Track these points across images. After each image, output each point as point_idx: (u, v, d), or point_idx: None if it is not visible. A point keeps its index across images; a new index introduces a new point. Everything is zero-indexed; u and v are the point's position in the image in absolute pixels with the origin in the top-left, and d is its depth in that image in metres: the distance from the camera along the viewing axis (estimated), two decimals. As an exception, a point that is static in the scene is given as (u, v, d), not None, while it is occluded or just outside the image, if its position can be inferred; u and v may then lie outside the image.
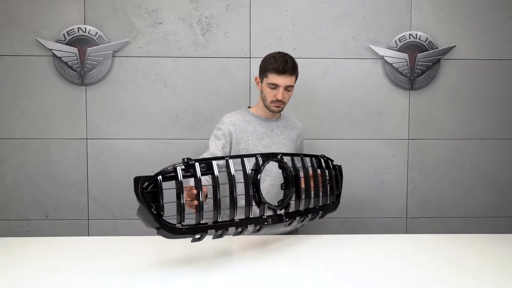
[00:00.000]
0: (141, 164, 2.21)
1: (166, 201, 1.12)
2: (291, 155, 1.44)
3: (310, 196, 1.44)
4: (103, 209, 2.22)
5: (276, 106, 1.67)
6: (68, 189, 2.21)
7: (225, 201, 1.24)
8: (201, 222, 1.16)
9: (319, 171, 1.50)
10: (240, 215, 1.24)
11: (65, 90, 2.17)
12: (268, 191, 1.64)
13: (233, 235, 1.26)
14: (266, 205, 1.28)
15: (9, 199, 2.20)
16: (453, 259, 1.30)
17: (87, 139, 2.20)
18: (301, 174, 1.43)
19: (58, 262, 1.24)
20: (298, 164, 1.45)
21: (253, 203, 1.27)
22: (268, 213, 1.29)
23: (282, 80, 1.62)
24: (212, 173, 1.19)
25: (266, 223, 1.27)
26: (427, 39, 2.20)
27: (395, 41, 2.20)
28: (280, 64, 1.60)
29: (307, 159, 1.48)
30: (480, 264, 1.26)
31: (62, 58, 2.14)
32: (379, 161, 2.28)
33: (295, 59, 2.16)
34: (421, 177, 2.28)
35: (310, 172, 1.46)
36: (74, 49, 2.14)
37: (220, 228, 1.19)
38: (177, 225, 1.12)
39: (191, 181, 1.21)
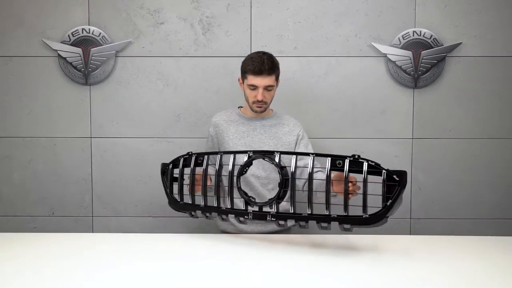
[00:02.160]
0: (143, 162, 2.24)
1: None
2: (294, 153, 1.34)
3: (311, 200, 1.29)
4: (106, 207, 2.26)
5: (258, 107, 1.69)
6: (73, 187, 2.26)
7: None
8: (195, 203, 1.48)
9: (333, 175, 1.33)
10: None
11: (70, 89, 2.22)
12: (250, 188, 1.70)
13: (220, 220, 1.43)
14: (244, 199, 1.32)
15: (17, 196, 2.26)
16: (459, 262, 1.26)
17: (91, 137, 2.24)
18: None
19: (63, 258, 1.27)
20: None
21: (238, 196, 1.36)
22: (256, 208, 1.31)
23: (260, 81, 1.63)
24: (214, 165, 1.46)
25: (246, 217, 1.29)
26: (431, 36, 2.15)
27: (398, 38, 2.16)
28: (257, 65, 1.61)
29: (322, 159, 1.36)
30: (487, 267, 1.21)
31: (67, 58, 2.18)
32: (382, 161, 2.16)
33: (297, 57, 2.20)
34: (425, 178, 2.23)
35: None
36: (79, 50, 2.18)
37: (206, 211, 1.44)
38: (180, 202, 1.52)
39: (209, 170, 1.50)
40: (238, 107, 1.85)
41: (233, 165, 1.38)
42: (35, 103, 2.22)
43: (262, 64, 1.61)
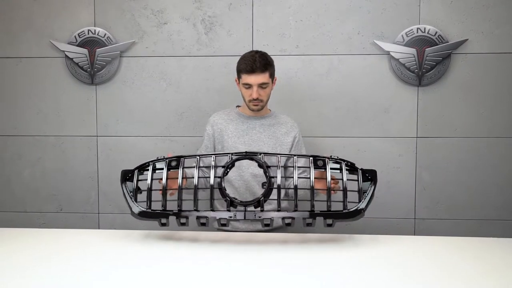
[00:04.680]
0: (147, 160, 2.27)
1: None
2: (278, 155, 1.36)
3: (296, 197, 1.31)
4: (112, 204, 2.31)
5: (255, 105, 1.71)
6: (80, 184, 2.32)
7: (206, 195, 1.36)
8: (166, 209, 1.32)
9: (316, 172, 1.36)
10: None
11: (76, 89, 2.28)
12: (246, 187, 1.71)
13: (198, 225, 1.32)
14: (230, 200, 1.29)
15: (27, 193, 2.34)
16: (464, 263, 1.22)
17: (97, 136, 2.29)
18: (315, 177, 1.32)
19: (70, 253, 1.30)
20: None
21: (219, 198, 1.32)
22: (240, 209, 1.29)
23: (253, 79, 1.65)
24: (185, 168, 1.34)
25: (230, 217, 1.27)
26: (436, 32, 2.10)
27: (402, 35, 2.12)
28: (248, 63, 1.64)
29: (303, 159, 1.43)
30: (493, 269, 1.17)
31: (73, 59, 2.24)
32: (386, 160, 2.22)
33: (298, 56, 2.19)
34: (430, 177, 2.19)
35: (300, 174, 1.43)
36: (85, 50, 2.24)
37: (181, 216, 1.31)
38: (146, 209, 1.32)
39: (186, 173, 1.40)
40: (236, 106, 1.87)
41: (215, 167, 1.32)
42: (44, 102, 2.29)
43: (254, 62, 1.64)
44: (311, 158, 1.31)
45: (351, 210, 1.31)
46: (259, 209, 1.30)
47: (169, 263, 1.23)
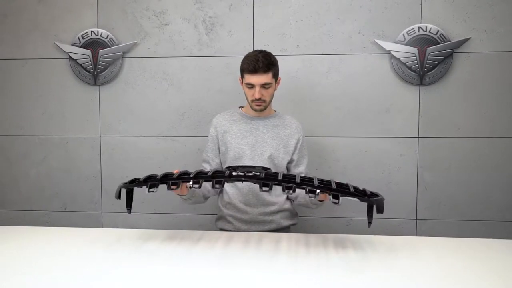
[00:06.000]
0: (149, 160, 2.30)
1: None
2: (278, 173, 1.30)
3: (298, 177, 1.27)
4: (115, 203, 2.35)
5: (257, 105, 1.70)
6: (83, 183, 2.36)
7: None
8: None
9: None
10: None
11: (80, 90, 2.32)
12: (249, 188, 1.71)
13: (191, 186, 1.27)
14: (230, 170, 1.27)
15: (33, 192, 2.38)
16: (467, 265, 1.21)
17: (100, 136, 2.33)
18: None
19: (74, 251, 1.33)
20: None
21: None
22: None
23: (256, 79, 1.64)
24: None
25: (226, 178, 1.23)
26: (438, 31, 2.08)
27: (403, 34, 2.11)
28: (251, 63, 1.63)
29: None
30: (496, 271, 1.16)
31: (77, 60, 2.28)
32: (387, 160, 2.20)
33: (299, 55, 2.19)
34: (432, 177, 2.17)
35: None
36: (88, 51, 2.27)
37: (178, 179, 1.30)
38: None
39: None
40: (239, 107, 1.87)
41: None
42: (49, 103, 2.34)
43: (256, 62, 1.63)
44: (315, 176, 1.27)
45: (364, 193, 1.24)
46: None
47: (170, 262, 1.25)
